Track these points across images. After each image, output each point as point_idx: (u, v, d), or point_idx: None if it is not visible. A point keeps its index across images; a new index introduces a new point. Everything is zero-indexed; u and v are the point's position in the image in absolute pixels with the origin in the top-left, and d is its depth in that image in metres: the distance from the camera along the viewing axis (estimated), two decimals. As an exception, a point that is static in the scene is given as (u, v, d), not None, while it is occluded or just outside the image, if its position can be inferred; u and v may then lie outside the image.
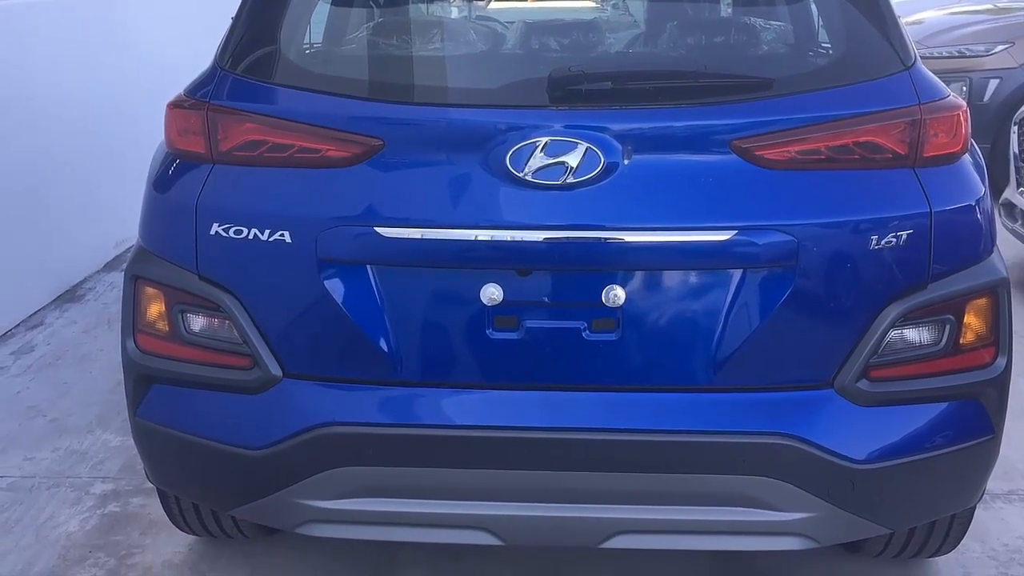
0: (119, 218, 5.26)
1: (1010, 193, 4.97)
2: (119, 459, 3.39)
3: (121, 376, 2.42)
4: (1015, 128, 4.95)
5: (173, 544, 2.90)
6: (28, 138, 4.70)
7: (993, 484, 2.96)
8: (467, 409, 2.17)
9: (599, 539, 2.19)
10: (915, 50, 2.23)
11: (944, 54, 6.85)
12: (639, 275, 2.10)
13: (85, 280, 5.21)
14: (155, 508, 2.92)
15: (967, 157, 2.21)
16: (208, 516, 2.67)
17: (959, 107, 2.17)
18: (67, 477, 3.30)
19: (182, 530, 2.79)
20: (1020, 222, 4.83)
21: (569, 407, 2.13)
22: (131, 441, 2.73)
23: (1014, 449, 3.26)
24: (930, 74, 2.22)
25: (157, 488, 2.63)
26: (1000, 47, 6.71)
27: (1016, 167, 4.92)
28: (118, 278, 5.12)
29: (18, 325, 4.61)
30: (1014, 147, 4.94)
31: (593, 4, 4.50)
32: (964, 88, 6.57)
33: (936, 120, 2.12)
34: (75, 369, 4.16)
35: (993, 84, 6.59)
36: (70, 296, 5.00)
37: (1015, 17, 7.27)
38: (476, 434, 2.13)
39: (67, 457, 3.44)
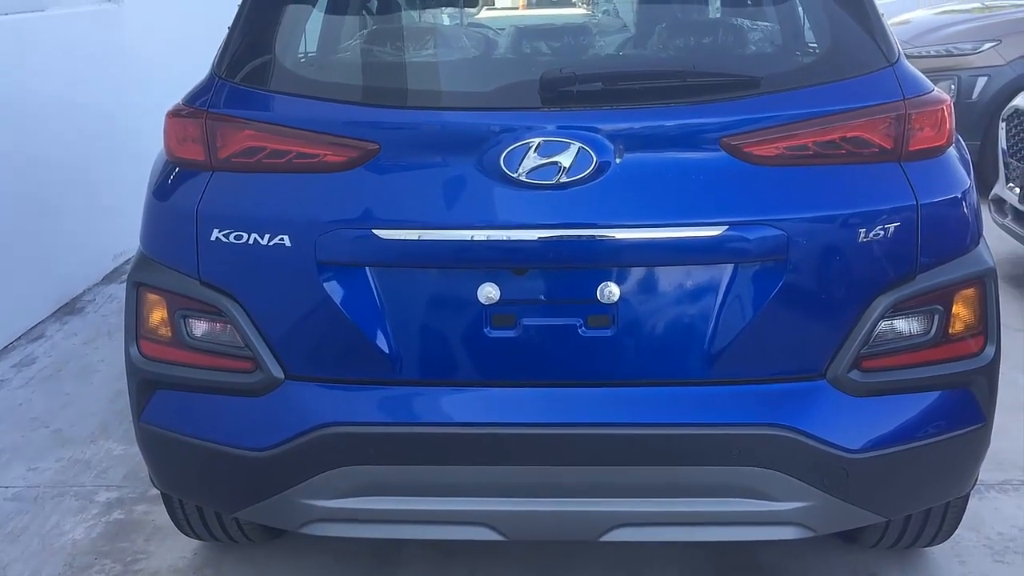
0: (117, 230, 5.30)
1: (999, 189, 5.02)
2: (123, 467, 3.42)
3: (123, 386, 2.45)
4: (1003, 124, 5.00)
5: (178, 549, 2.93)
6: (27, 152, 4.73)
7: (987, 475, 3.01)
8: (467, 407, 2.20)
9: (599, 532, 2.22)
10: (899, 46, 2.28)
11: (932, 53, 6.91)
12: (633, 272, 2.13)
13: (84, 292, 5.24)
14: (159, 515, 2.95)
15: (952, 150, 2.25)
16: (212, 520, 2.70)
17: (943, 101, 2.21)
18: (71, 486, 3.33)
19: (187, 535, 2.82)
20: (1010, 217, 4.88)
21: (567, 403, 2.16)
22: (134, 449, 2.77)
23: (1007, 440, 3.30)
24: (914, 69, 2.26)
25: (162, 493, 2.67)
26: (987, 45, 6.78)
27: (1005, 163, 4.97)
28: (117, 290, 5.16)
29: (19, 338, 4.64)
30: (1002, 143, 4.99)
31: (583, 10, 4.56)
32: (953, 86, 6.63)
33: (921, 114, 2.16)
34: (76, 380, 4.19)
35: (981, 82, 6.65)
36: (70, 308, 5.03)
37: (1002, 15, 7.33)
38: (476, 431, 2.16)
39: (71, 467, 3.47)
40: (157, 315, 2.30)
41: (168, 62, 5.72)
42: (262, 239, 2.16)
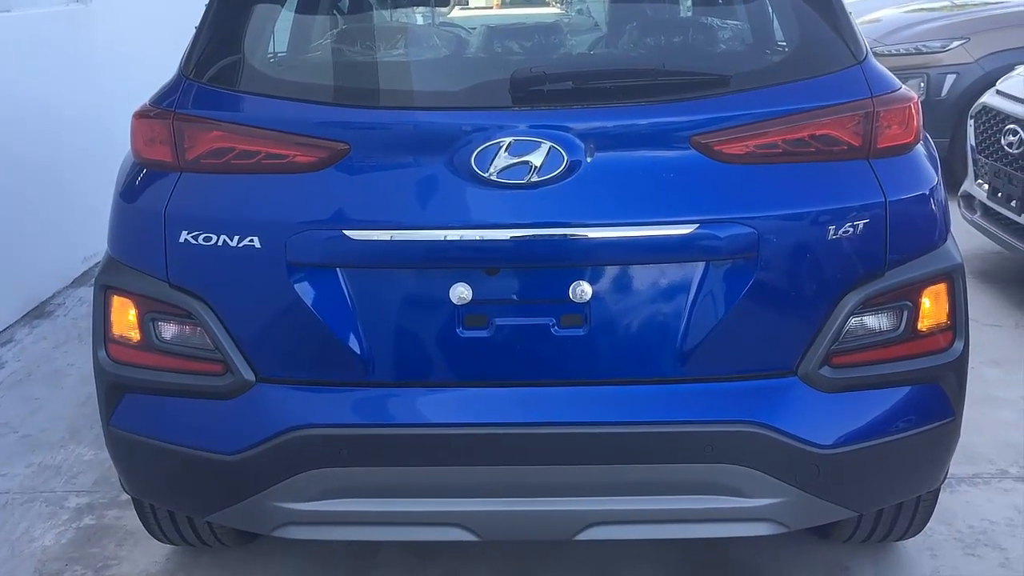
0: (87, 233, 5.24)
1: (968, 185, 5.07)
2: (93, 472, 3.38)
3: (93, 390, 2.42)
4: (971, 122, 5.05)
5: (150, 555, 2.90)
6: (-8, 154, 4.67)
7: (958, 468, 3.04)
8: (440, 407, 2.19)
9: (573, 531, 2.22)
10: (867, 45, 2.29)
11: (902, 51, 6.97)
12: (605, 270, 2.13)
13: (54, 296, 5.18)
14: (131, 520, 2.92)
15: (920, 147, 2.27)
16: (184, 524, 2.67)
17: (910, 99, 2.23)
18: (41, 492, 3.29)
19: (159, 540, 2.79)
20: (979, 213, 4.93)
21: (540, 402, 2.16)
22: (105, 454, 2.74)
23: (977, 434, 3.33)
24: (882, 67, 2.28)
25: (133, 498, 2.63)
26: (956, 43, 6.84)
27: (973, 159, 5.02)
28: (87, 293, 5.09)
29: (-13, 343, 4.58)
30: (971, 140, 5.04)
31: (555, 10, 4.56)
32: (922, 84, 6.68)
33: (888, 112, 2.17)
34: (46, 385, 4.14)
35: (950, 79, 6.71)
36: (39, 312, 4.97)
37: (970, 13, 7.40)
38: (449, 432, 2.15)
39: (41, 472, 3.42)
40: (126, 318, 2.27)
41: (136, 62, 5.66)
42: (231, 241, 2.14)
